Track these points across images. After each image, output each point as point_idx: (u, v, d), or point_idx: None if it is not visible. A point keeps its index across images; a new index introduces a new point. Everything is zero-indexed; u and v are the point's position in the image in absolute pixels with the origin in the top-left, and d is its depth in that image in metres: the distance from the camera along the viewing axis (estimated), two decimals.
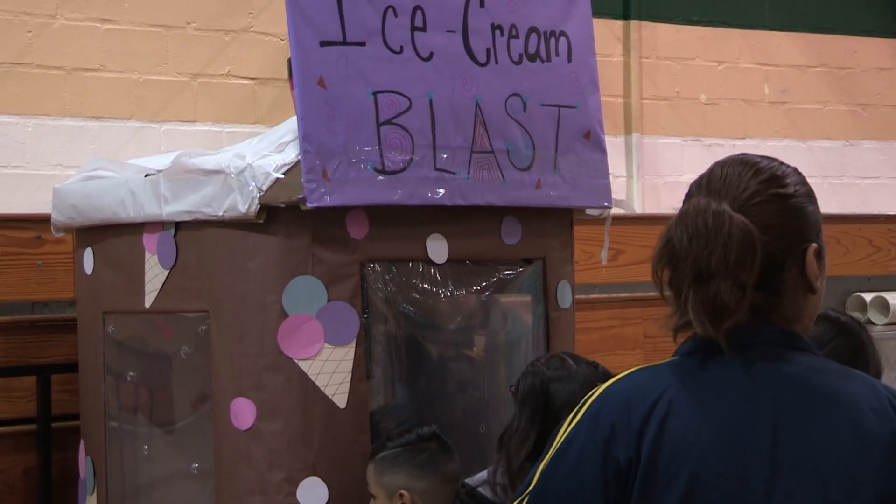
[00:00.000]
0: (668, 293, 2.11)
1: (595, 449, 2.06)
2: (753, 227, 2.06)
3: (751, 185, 2.13)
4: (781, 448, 2.02)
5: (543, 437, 3.23)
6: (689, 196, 2.16)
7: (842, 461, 2.02)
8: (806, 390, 2.07)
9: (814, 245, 2.14)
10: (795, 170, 2.20)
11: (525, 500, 2.16)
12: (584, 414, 2.13)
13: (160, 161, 3.77)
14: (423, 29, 3.54)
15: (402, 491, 3.27)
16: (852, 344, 3.12)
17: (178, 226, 3.54)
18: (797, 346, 2.12)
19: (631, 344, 5.46)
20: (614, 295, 5.50)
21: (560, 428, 2.16)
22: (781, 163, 2.19)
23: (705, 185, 2.15)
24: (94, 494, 3.87)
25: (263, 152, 3.37)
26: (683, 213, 2.09)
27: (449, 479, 3.34)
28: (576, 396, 3.20)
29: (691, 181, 2.22)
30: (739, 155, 2.20)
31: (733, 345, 2.08)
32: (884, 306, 6.18)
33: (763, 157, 2.19)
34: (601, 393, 2.13)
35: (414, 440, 3.34)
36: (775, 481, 2.01)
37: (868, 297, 6.23)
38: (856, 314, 6.21)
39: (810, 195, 2.18)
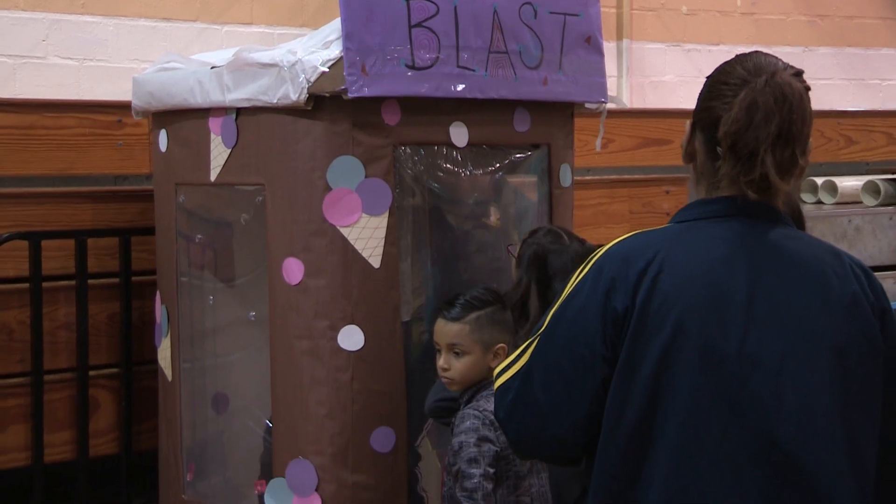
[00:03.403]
0: (719, 149, 2.04)
1: (597, 298, 2.05)
2: None
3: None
4: (755, 303, 2.00)
5: (539, 296, 3.23)
6: (729, 73, 2.06)
7: (805, 316, 2.01)
8: (779, 255, 2.05)
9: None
10: None
11: (537, 339, 2.15)
12: (589, 269, 2.11)
13: (223, 56, 3.71)
14: None
15: (503, 345, 3.07)
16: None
17: (239, 111, 3.50)
18: (778, 219, 2.10)
19: (618, 218, 5.43)
20: (605, 177, 5.45)
21: (569, 281, 2.15)
22: None
23: (756, 69, 2.05)
24: (168, 336, 3.89)
25: (312, 49, 3.32)
26: (768, 82, 2.00)
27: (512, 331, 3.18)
28: (566, 267, 3.20)
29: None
30: (753, 52, 2.12)
31: (725, 213, 2.06)
32: (832, 189, 6.13)
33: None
34: (605, 252, 2.11)
35: (498, 299, 3.15)
36: (748, 330, 1.99)
37: (819, 180, 6.18)
38: (808, 195, 6.19)
39: None
